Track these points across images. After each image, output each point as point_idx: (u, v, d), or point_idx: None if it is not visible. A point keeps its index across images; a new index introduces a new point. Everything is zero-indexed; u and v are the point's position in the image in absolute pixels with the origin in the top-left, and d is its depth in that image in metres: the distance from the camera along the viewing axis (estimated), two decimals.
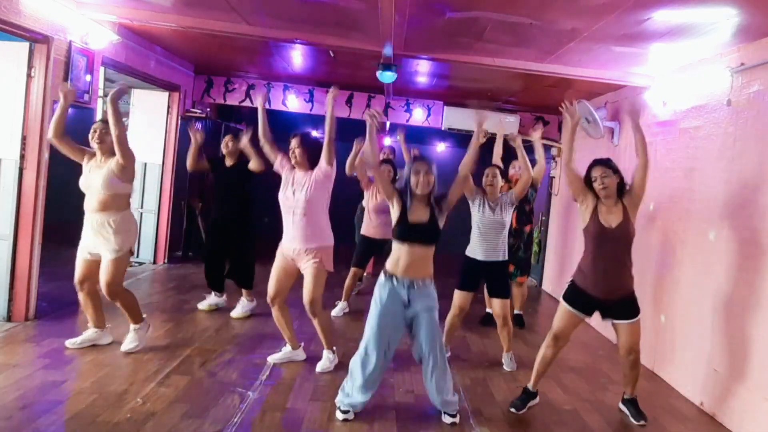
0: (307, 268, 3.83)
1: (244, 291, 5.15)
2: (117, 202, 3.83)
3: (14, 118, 4.24)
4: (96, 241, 3.79)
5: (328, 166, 3.78)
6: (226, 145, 5.21)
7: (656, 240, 4.74)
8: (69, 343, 3.91)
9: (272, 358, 4.01)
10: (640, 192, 3.43)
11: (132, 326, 3.99)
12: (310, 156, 3.82)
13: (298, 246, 3.82)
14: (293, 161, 3.86)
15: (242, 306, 5.10)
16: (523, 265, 5.62)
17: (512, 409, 3.50)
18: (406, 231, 3.16)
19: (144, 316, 4.09)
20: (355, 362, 3.26)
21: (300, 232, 3.79)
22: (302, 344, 4.18)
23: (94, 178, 3.78)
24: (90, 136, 3.84)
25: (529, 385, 3.60)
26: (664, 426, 3.60)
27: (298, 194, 3.79)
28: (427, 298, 3.20)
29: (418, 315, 3.18)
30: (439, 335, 3.25)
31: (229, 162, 5.18)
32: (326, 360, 3.99)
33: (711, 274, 3.96)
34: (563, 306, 3.50)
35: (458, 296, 4.31)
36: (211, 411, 3.17)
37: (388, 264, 3.22)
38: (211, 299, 5.22)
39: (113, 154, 3.80)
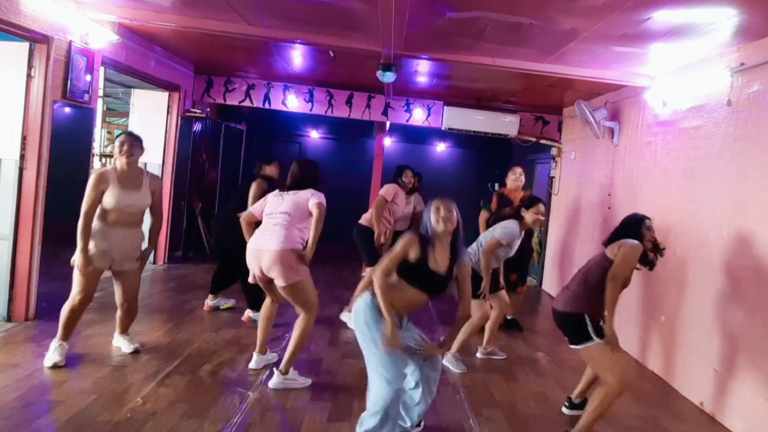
0: None
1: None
2: (143, 217, 3.86)
3: (14, 118, 4.24)
4: (116, 254, 3.67)
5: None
6: (274, 169, 5.17)
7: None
8: (53, 362, 3.56)
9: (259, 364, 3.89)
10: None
11: (121, 336, 3.99)
12: None
13: None
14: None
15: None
16: (524, 274, 5.52)
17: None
18: (422, 278, 2.78)
19: None
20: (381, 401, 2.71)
21: None
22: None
23: (135, 198, 3.67)
24: (118, 150, 3.63)
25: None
26: (664, 426, 3.60)
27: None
28: (410, 327, 2.95)
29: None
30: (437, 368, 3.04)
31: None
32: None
33: (711, 274, 3.96)
34: (607, 346, 3.09)
35: (475, 305, 4.12)
36: (211, 411, 3.17)
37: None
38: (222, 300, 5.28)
39: (140, 172, 3.74)
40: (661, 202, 4.75)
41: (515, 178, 5.15)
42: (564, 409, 3.63)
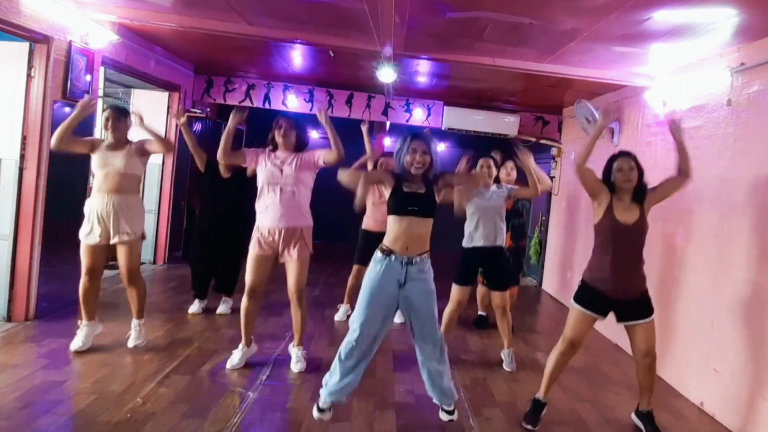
0: (293, 252, 3.74)
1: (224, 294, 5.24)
2: (135, 184, 3.92)
3: (14, 118, 4.24)
4: (110, 224, 3.78)
5: (325, 164, 3.82)
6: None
7: (656, 240, 4.73)
8: (75, 347, 3.83)
9: (231, 364, 3.84)
10: (664, 196, 3.39)
11: (136, 321, 4.02)
12: (298, 139, 3.87)
13: (284, 224, 3.70)
14: (283, 140, 3.81)
15: (226, 304, 5.20)
16: (511, 274, 5.32)
17: (528, 426, 3.32)
18: (402, 201, 3.00)
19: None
20: (342, 344, 3.05)
21: (287, 210, 3.71)
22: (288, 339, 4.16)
23: (113, 159, 3.79)
24: (104, 125, 3.85)
25: (540, 395, 3.42)
26: (664, 426, 3.59)
27: (287, 169, 3.74)
28: (423, 278, 3.02)
29: (412, 298, 2.99)
30: (435, 320, 3.07)
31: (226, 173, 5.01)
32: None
33: (711, 274, 3.96)
34: (577, 309, 3.30)
35: (456, 291, 4.29)
36: (211, 411, 3.17)
37: (386, 240, 3.04)
38: (198, 305, 5.14)
39: (127, 143, 3.89)
40: (660, 203, 4.73)
41: (506, 172, 5.19)
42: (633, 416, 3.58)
